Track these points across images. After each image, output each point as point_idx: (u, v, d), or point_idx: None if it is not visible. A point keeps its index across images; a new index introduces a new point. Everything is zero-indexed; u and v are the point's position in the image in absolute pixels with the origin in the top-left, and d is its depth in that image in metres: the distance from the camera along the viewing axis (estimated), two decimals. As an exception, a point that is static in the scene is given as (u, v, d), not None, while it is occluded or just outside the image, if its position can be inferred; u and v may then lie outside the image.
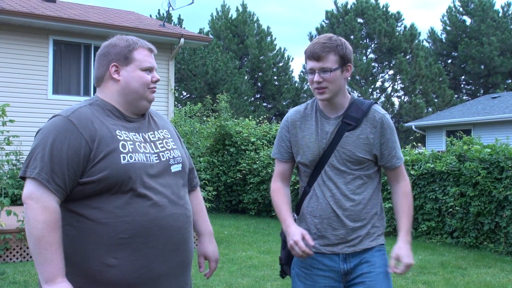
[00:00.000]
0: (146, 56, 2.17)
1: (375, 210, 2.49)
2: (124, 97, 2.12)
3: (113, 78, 2.12)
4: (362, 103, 2.48)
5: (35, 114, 11.56)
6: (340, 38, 2.43)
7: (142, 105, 2.15)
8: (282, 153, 2.58)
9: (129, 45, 2.16)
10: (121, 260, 1.96)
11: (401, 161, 2.52)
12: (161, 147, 2.15)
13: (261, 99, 35.95)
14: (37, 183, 1.92)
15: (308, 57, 2.40)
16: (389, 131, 2.47)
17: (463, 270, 6.62)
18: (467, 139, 8.47)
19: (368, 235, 2.46)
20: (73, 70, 12.47)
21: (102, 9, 14.88)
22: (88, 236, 1.96)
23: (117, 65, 2.12)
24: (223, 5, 36.42)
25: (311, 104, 2.55)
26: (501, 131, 20.62)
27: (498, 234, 7.62)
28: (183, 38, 13.07)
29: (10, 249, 6.67)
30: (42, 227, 1.88)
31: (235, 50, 33.67)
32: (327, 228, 2.44)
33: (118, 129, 2.05)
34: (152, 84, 2.16)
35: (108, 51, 2.15)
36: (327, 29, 36.66)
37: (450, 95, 35.10)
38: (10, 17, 11.11)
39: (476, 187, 7.74)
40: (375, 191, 2.50)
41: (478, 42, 35.39)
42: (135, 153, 2.03)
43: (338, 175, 2.43)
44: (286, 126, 2.57)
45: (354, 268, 2.44)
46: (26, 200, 1.92)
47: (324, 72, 2.36)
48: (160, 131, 2.22)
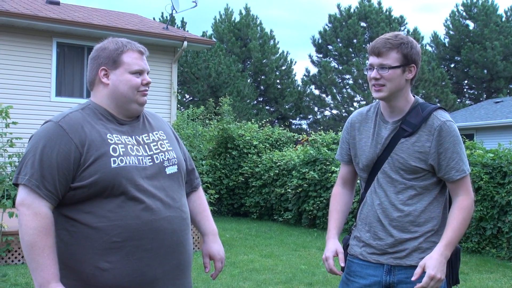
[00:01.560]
0: (136, 59, 2.13)
1: (432, 225, 2.29)
2: (113, 100, 2.11)
3: (102, 82, 2.12)
4: (424, 108, 2.31)
5: (38, 116, 11.55)
6: (408, 37, 2.30)
7: (133, 108, 2.14)
8: (343, 155, 2.51)
9: (118, 48, 2.13)
10: (114, 264, 1.96)
11: (462, 174, 2.27)
12: (155, 149, 2.14)
13: (263, 103, 35.95)
14: (28, 189, 1.93)
15: (370, 52, 2.30)
16: (450, 140, 2.25)
17: (465, 275, 6.60)
18: (470, 144, 8.46)
19: (419, 250, 2.26)
20: (76, 72, 12.49)
21: (105, 11, 14.91)
22: (81, 240, 1.97)
23: (106, 68, 2.12)
24: (226, 8, 36.47)
25: (375, 106, 2.44)
26: (504, 136, 20.58)
27: (501, 239, 7.60)
28: (186, 41, 13.08)
29: (12, 251, 6.68)
30: (33, 233, 1.89)
31: (238, 53, 33.70)
32: (374, 236, 2.34)
33: (110, 133, 2.05)
34: (143, 87, 2.13)
35: (98, 54, 2.15)
36: (330, 33, 36.68)
37: (453, 100, 35.05)
38: (14, 19, 11.14)
39: (479, 192, 7.73)
40: (433, 203, 2.31)
41: (481, 47, 35.35)
42: (126, 156, 2.02)
43: (389, 183, 2.31)
44: (347, 127, 2.49)
45: (398, 283, 2.30)
46: (18, 206, 1.94)
47: (383, 69, 2.24)
48: (155, 132, 2.20)
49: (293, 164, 11.15)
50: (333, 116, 35.95)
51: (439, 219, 2.31)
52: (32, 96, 11.59)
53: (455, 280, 2.37)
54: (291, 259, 7.48)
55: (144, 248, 2.00)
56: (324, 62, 36.22)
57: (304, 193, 10.54)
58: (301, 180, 10.57)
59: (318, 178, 10.22)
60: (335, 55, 37.10)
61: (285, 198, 11.16)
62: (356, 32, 35.22)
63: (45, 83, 11.85)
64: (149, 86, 2.16)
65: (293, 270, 6.80)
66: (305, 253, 8.00)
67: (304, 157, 10.89)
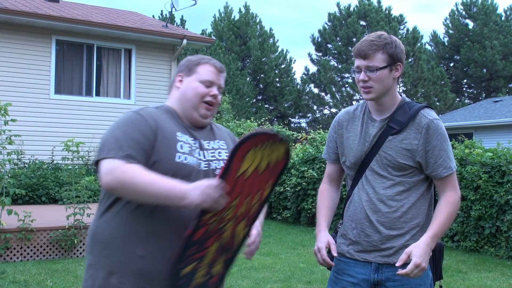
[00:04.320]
0: (209, 71, 2.25)
1: (418, 221, 2.32)
2: (181, 104, 2.24)
3: (176, 86, 2.28)
4: (411, 107, 2.35)
5: (37, 114, 11.57)
6: (391, 36, 2.33)
7: (195, 116, 2.22)
8: (330, 153, 2.53)
9: (198, 60, 2.28)
10: (150, 251, 2.05)
11: (449, 171, 2.30)
12: (211, 156, 2.22)
13: (263, 101, 35.96)
14: (112, 160, 1.98)
15: (355, 54, 2.33)
16: (437, 138, 2.29)
17: (464, 274, 6.61)
18: (469, 143, 8.47)
19: (405, 247, 2.26)
20: (76, 70, 12.48)
21: (105, 9, 14.90)
22: (130, 224, 2.06)
23: (181, 75, 2.28)
24: (226, 7, 36.47)
25: (362, 105, 2.47)
26: (503, 135, 20.60)
27: (499, 238, 7.61)
28: (186, 39, 13.08)
29: (10, 248, 6.68)
30: (136, 172, 1.94)
31: (237, 52, 33.70)
32: (361, 233, 2.35)
33: (179, 131, 2.16)
34: (208, 97, 2.22)
35: (182, 63, 2.33)
36: (330, 32, 36.69)
37: (452, 99, 35.08)
38: (13, 17, 11.13)
39: (478, 191, 7.73)
40: (420, 200, 2.33)
41: (481, 46, 35.37)
42: (190, 155, 2.13)
43: (377, 179, 2.33)
44: (334, 126, 2.52)
45: (385, 281, 2.32)
46: (112, 173, 1.95)
47: (370, 71, 2.28)
48: (216, 141, 2.30)
49: (292, 162, 11.14)
50: (332, 114, 35.95)
51: (424, 215, 2.34)
52: (31, 94, 11.58)
53: (438, 276, 2.43)
54: (290, 258, 7.48)
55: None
56: (323, 60, 36.23)
57: (303, 191, 10.54)
58: (300, 179, 10.57)
59: (317, 177, 10.21)
60: (334, 53, 37.12)
61: (284, 196, 11.16)
62: (356, 30, 35.22)
63: (44, 81, 11.84)
64: (216, 99, 2.24)
65: (291, 268, 6.80)
66: (303, 251, 8.01)
67: (303, 156, 10.89)
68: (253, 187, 2.00)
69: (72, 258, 6.99)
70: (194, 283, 2.05)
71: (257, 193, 2.03)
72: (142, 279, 2.05)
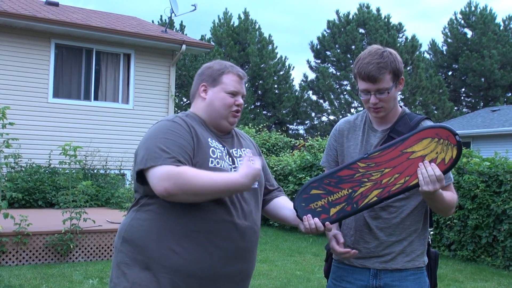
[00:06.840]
0: (234, 81, 2.31)
1: (416, 227, 2.36)
2: (208, 114, 2.30)
3: (201, 96, 2.33)
4: (412, 118, 2.38)
5: (35, 118, 11.56)
6: (390, 51, 2.33)
7: (223, 124, 2.31)
8: (329, 161, 2.54)
9: (221, 69, 2.33)
10: (186, 249, 2.09)
11: (449, 181, 2.33)
12: (240, 163, 2.25)
13: (261, 107, 35.98)
14: (162, 166, 2.02)
15: (361, 78, 2.29)
16: None
17: (460, 283, 6.60)
18: (466, 152, 8.46)
19: (403, 253, 2.32)
20: (74, 74, 12.47)
21: (104, 13, 14.91)
22: (164, 222, 2.12)
23: (206, 85, 2.33)
24: (225, 13, 36.55)
25: (362, 115, 2.50)
26: (500, 145, 20.64)
27: (496, 247, 7.60)
28: (185, 44, 13.10)
29: (6, 252, 6.65)
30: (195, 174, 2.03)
31: (236, 58, 33.73)
32: (359, 240, 2.37)
33: (210, 137, 2.25)
34: (235, 107, 2.31)
35: (203, 71, 2.36)
36: (329, 39, 36.76)
37: (450, 107, 35.17)
38: (12, 20, 11.14)
39: (475, 200, 7.73)
40: (418, 207, 2.35)
41: (479, 55, 35.50)
42: (221, 160, 2.21)
43: None
44: (334, 135, 2.54)
45: (384, 286, 2.34)
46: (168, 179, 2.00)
47: (381, 93, 2.28)
48: (243, 149, 2.38)
49: (290, 169, 11.14)
50: (330, 122, 35.99)
51: (421, 222, 2.38)
52: (30, 97, 11.58)
53: (433, 284, 2.46)
54: (286, 265, 7.46)
55: (217, 244, 2.13)
56: (322, 67, 36.29)
57: (300, 198, 10.53)
58: (297, 186, 10.56)
59: (314, 184, 10.21)
60: (333, 61, 37.19)
61: (281, 203, 11.15)
62: (355, 38, 35.31)
63: (43, 85, 11.84)
64: (241, 107, 2.34)
65: (288, 275, 6.79)
66: (300, 258, 7.99)
67: (301, 163, 10.88)
68: (407, 170, 2.13)
69: (68, 262, 6.96)
70: (310, 205, 2.22)
71: (405, 177, 2.14)
72: (177, 276, 2.08)
